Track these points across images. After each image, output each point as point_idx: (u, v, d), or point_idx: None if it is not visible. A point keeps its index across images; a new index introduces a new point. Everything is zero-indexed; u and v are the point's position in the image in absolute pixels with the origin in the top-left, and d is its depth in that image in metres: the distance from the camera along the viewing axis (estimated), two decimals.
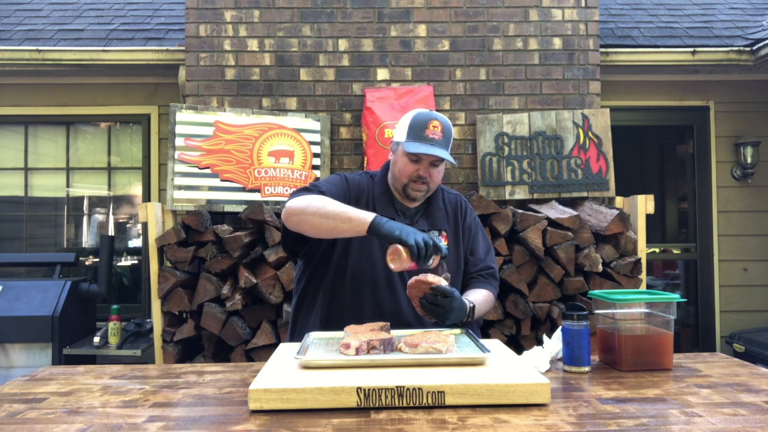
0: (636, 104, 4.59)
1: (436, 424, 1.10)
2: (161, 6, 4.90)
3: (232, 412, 1.20)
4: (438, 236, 1.76)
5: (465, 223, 1.95)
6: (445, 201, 1.95)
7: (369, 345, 1.39)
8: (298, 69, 3.59)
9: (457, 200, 1.98)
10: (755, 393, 1.31)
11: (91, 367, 1.65)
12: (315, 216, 1.64)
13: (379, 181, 1.90)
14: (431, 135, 1.77)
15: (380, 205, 1.84)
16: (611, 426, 1.09)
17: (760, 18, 4.66)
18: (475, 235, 1.96)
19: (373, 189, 1.88)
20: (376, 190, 1.88)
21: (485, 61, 3.62)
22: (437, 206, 1.91)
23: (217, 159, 3.27)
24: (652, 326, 1.55)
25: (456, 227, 1.92)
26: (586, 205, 3.37)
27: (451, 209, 1.94)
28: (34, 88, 4.52)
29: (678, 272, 5.06)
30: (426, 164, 1.79)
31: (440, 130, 1.78)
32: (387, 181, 1.91)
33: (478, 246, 1.95)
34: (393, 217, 1.82)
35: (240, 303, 2.92)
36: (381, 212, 1.82)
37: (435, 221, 1.88)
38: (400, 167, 1.82)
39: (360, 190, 1.86)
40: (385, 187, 1.89)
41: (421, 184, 1.81)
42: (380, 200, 1.86)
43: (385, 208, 1.84)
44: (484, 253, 1.96)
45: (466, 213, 1.97)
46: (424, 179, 1.80)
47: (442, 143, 1.78)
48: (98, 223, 4.84)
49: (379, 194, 1.87)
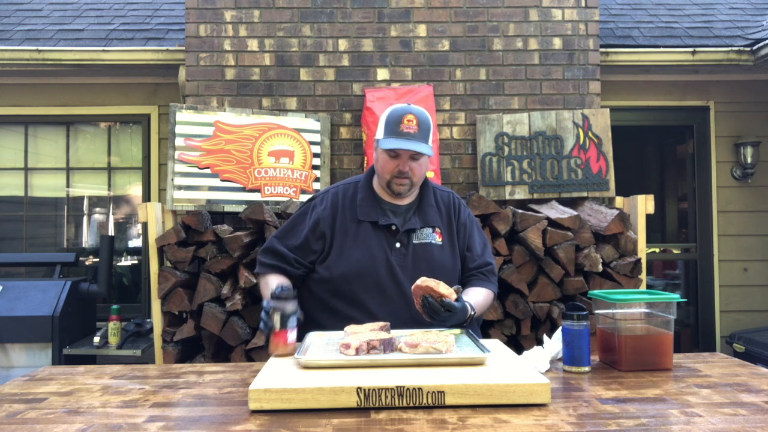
0: (636, 104, 4.59)
1: (436, 424, 1.10)
2: (161, 6, 4.90)
3: (232, 412, 1.20)
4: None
5: (459, 221, 1.94)
6: (437, 199, 1.95)
7: (369, 345, 1.39)
8: (298, 69, 3.59)
9: (450, 198, 1.98)
10: (755, 393, 1.31)
11: (91, 367, 1.65)
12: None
13: (363, 186, 1.92)
14: (406, 129, 1.78)
15: (363, 212, 1.86)
16: (611, 426, 1.09)
17: (760, 18, 4.66)
18: (470, 231, 1.96)
19: (355, 197, 1.90)
20: (360, 195, 1.90)
21: (485, 61, 3.62)
22: (429, 204, 1.91)
23: (217, 159, 3.27)
24: (652, 326, 1.55)
25: (450, 224, 1.92)
26: (586, 205, 3.37)
27: (444, 207, 1.94)
28: (34, 88, 4.52)
29: (678, 272, 5.06)
30: (405, 159, 1.80)
31: (415, 124, 1.79)
32: (372, 184, 1.92)
33: (474, 242, 1.95)
34: (377, 220, 1.85)
35: (240, 303, 2.92)
36: (363, 218, 1.85)
37: (427, 218, 1.89)
38: (381, 164, 1.85)
39: (335, 208, 1.89)
40: (369, 191, 1.91)
41: (403, 178, 1.83)
42: (363, 206, 1.87)
43: (368, 214, 1.86)
44: (481, 249, 1.96)
45: (459, 210, 1.97)
46: (406, 174, 1.81)
47: (418, 136, 1.79)
48: (98, 223, 4.84)
49: (362, 200, 1.89)
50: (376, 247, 1.82)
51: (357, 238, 1.84)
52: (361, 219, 1.85)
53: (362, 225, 1.85)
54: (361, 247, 1.82)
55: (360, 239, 1.83)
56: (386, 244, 1.83)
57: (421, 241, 1.86)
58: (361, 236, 1.84)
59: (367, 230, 1.84)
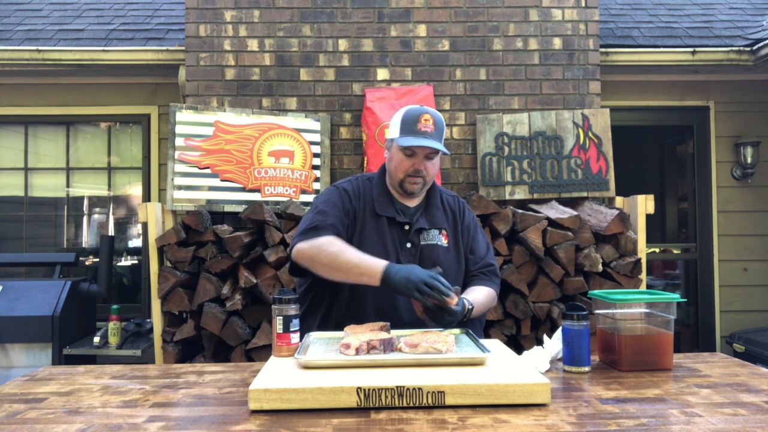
0: (636, 104, 4.59)
1: (436, 424, 1.10)
2: (161, 6, 4.90)
3: (232, 412, 1.20)
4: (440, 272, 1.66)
5: (464, 223, 1.97)
6: (443, 201, 1.98)
7: (369, 345, 1.39)
8: (298, 69, 3.59)
9: (456, 201, 2.02)
10: (755, 393, 1.31)
11: (91, 367, 1.65)
12: (327, 267, 1.72)
13: (377, 183, 1.94)
14: (423, 128, 1.80)
15: (380, 206, 1.88)
16: (611, 426, 1.09)
17: (760, 18, 4.66)
18: (474, 234, 1.99)
19: (371, 192, 1.91)
20: (375, 191, 1.91)
21: (485, 61, 3.62)
22: (436, 206, 1.93)
23: (217, 159, 3.27)
24: (652, 326, 1.55)
25: (455, 227, 1.95)
26: (586, 205, 3.37)
27: (450, 210, 1.97)
28: (34, 88, 4.52)
29: (678, 272, 5.06)
30: (421, 158, 1.82)
31: (432, 123, 1.81)
32: (385, 182, 1.93)
33: (477, 244, 1.98)
34: (394, 216, 1.84)
35: (240, 303, 2.92)
36: (382, 212, 1.85)
37: (434, 220, 1.91)
38: (395, 163, 1.86)
39: (358, 196, 1.89)
40: (383, 188, 1.92)
41: (417, 177, 1.84)
42: (380, 201, 1.89)
43: (386, 209, 1.87)
44: (484, 251, 1.98)
45: (464, 213, 2.00)
46: (420, 173, 1.83)
47: (434, 135, 1.81)
48: (98, 223, 4.84)
49: (378, 195, 1.90)
50: (390, 245, 1.83)
51: (375, 232, 1.84)
52: (380, 213, 1.86)
53: (380, 220, 1.86)
54: (378, 242, 1.83)
55: (377, 234, 1.84)
56: (398, 242, 1.85)
57: (428, 242, 1.87)
58: (378, 231, 1.85)
59: (383, 225, 1.85)
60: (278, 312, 1.49)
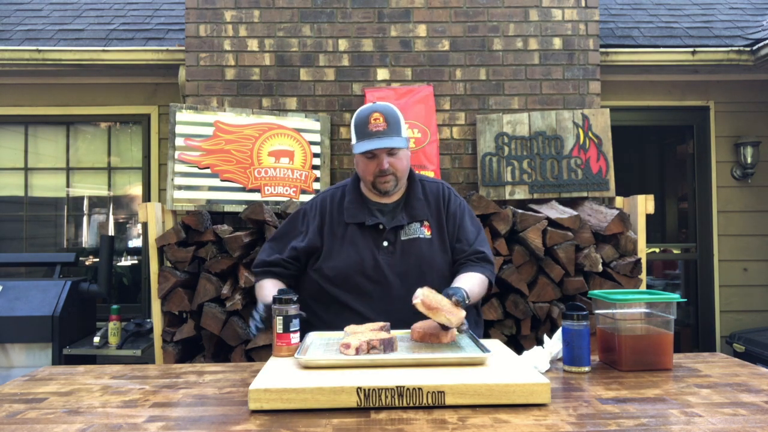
0: (636, 104, 4.59)
1: (436, 424, 1.10)
2: (161, 6, 4.90)
3: (232, 412, 1.20)
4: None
5: (449, 211, 1.93)
6: (426, 191, 1.95)
7: (369, 345, 1.39)
8: (298, 69, 3.59)
9: (439, 188, 1.97)
10: (755, 393, 1.31)
11: (91, 367, 1.66)
12: None
13: (350, 189, 1.95)
14: (375, 128, 1.81)
15: (349, 214, 1.89)
16: (611, 426, 1.09)
17: (760, 18, 4.66)
18: (461, 221, 1.93)
19: (342, 200, 1.93)
20: (347, 198, 1.93)
21: (485, 61, 3.62)
22: (416, 198, 1.91)
23: (217, 159, 3.27)
24: (652, 326, 1.55)
25: (438, 215, 1.91)
26: (586, 205, 3.37)
27: (433, 198, 1.94)
28: (34, 88, 4.52)
29: (678, 272, 5.06)
30: (382, 157, 1.82)
31: (382, 120, 1.82)
32: (359, 185, 1.95)
33: (465, 231, 1.92)
34: (363, 221, 1.87)
35: (240, 303, 2.92)
36: (350, 220, 1.88)
37: (414, 213, 1.89)
38: (361, 169, 1.88)
39: (324, 211, 1.93)
40: (356, 193, 1.94)
41: (386, 176, 1.85)
42: (349, 209, 1.90)
43: (355, 215, 1.89)
44: (473, 238, 1.91)
45: (449, 200, 1.95)
46: (387, 171, 1.83)
47: (388, 132, 1.81)
48: (98, 223, 4.84)
49: (348, 203, 1.91)
50: (363, 248, 1.83)
51: (345, 241, 1.86)
52: (348, 221, 1.87)
53: (350, 227, 1.87)
54: (349, 249, 1.84)
55: (348, 241, 1.86)
56: (373, 243, 1.84)
57: (409, 237, 1.85)
58: (348, 238, 1.86)
59: (354, 232, 1.86)
60: (278, 312, 1.49)
